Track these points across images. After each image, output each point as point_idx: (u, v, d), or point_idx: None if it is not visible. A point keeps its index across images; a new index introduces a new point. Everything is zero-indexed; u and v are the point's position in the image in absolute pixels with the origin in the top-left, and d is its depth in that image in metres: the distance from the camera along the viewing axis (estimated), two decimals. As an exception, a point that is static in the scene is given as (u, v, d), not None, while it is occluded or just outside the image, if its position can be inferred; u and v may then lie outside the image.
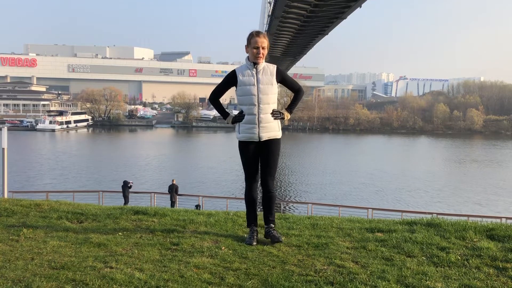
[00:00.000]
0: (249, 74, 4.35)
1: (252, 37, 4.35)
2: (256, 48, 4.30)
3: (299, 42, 54.97)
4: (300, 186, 38.52)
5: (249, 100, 4.34)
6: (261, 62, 4.35)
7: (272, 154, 4.47)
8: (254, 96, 4.31)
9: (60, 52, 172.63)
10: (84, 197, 22.69)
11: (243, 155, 4.52)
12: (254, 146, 4.46)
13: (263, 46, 4.31)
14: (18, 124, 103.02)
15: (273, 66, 4.42)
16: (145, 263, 3.79)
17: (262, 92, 4.32)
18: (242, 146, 4.51)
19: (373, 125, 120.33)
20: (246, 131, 4.42)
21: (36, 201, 6.67)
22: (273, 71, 4.37)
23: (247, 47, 4.38)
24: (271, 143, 4.46)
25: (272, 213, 4.57)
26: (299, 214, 6.61)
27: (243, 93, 4.36)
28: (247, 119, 4.39)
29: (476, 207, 30.37)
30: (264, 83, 4.32)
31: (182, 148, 71.11)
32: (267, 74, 4.35)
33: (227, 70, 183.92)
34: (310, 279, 3.43)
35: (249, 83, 4.32)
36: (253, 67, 4.35)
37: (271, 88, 4.35)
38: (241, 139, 4.48)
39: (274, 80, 4.36)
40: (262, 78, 4.33)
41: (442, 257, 3.90)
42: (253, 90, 4.32)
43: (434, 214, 14.42)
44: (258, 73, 4.34)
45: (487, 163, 58.17)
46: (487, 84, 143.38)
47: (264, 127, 4.37)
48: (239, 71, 4.42)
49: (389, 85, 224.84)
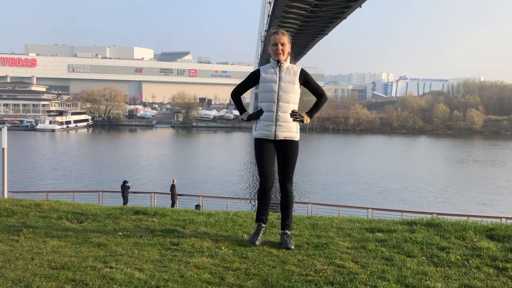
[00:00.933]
0: (272, 72, 4.35)
1: (271, 36, 4.40)
2: (275, 45, 4.32)
3: (299, 42, 54.99)
4: (301, 186, 38.50)
5: (269, 97, 4.33)
6: (282, 59, 4.33)
7: (289, 156, 4.41)
8: (275, 93, 4.30)
9: (60, 52, 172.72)
10: (84, 197, 22.69)
11: (258, 153, 4.43)
12: (269, 145, 4.39)
13: (282, 42, 4.30)
14: (18, 124, 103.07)
15: (298, 67, 4.40)
16: (145, 263, 3.79)
17: (283, 90, 4.30)
18: (258, 143, 4.44)
19: (373, 125, 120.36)
20: (262, 128, 4.38)
21: (36, 201, 6.67)
22: (297, 72, 4.36)
23: (269, 46, 4.42)
24: (288, 145, 4.40)
25: (289, 216, 4.47)
26: (299, 214, 6.60)
27: (264, 89, 4.35)
28: (265, 116, 4.36)
29: (480, 207, 30.34)
30: (286, 81, 4.31)
31: (182, 148, 71.11)
32: (291, 74, 4.34)
33: (227, 70, 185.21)
34: (310, 279, 3.43)
35: (271, 80, 4.32)
36: (277, 65, 4.36)
37: (292, 87, 4.32)
38: (257, 136, 4.43)
39: (296, 80, 4.33)
40: (285, 76, 4.32)
41: (442, 257, 3.90)
42: (274, 87, 4.31)
43: (434, 214, 14.41)
44: (281, 72, 4.34)
45: (489, 163, 58.10)
46: (487, 84, 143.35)
47: (281, 125, 4.33)
48: (263, 69, 4.44)
49: (389, 85, 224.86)
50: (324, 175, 44.01)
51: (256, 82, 4.45)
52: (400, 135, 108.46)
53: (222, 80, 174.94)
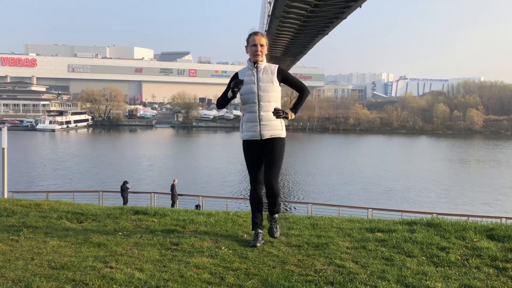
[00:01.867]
0: (250, 74, 4.42)
1: (249, 37, 4.46)
2: (254, 46, 4.38)
3: (299, 42, 55.00)
4: (303, 186, 38.49)
5: (250, 99, 4.40)
6: (260, 60, 4.41)
7: (275, 154, 4.44)
8: (255, 93, 4.37)
9: (60, 52, 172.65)
10: (84, 197, 22.67)
11: (246, 155, 4.53)
12: (257, 145, 4.46)
13: (261, 44, 4.39)
14: (18, 124, 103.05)
15: (275, 66, 4.48)
16: (145, 263, 3.79)
17: (263, 90, 4.37)
18: (246, 145, 4.53)
19: (373, 125, 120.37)
20: (248, 129, 4.46)
21: (36, 201, 6.67)
22: (274, 70, 4.43)
23: (247, 47, 4.47)
24: (274, 142, 4.45)
25: (275, 204, 4.54)
26: (299, 214, 6.61)
27: (245, 91, 4.40)
28: (249, 117, 4.44)
29: (485, 207, 30.30)
30: (265, 81, 4.38)
31: (182, 148, 71.10)
32: (268, 73, 4.41)
33: (227, 70, 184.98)
34: (310, 279, 3.43)
35: (250, 82, 4.38)
36: (253, 66, 4.43)
37: (271, 86, 4.39)
38: (244, 138, 4.52)
39: (274, 79, 4.40)
40: (263, 76, 4.39)
41: (442, 257, 3.90)
42: (253, 88, 4.37)
43: (434, 214, 14.41)
44: (258, 72, 4.41)
45: (492, 163, 57.86)
46: (487, 84, 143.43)
47: (265, 125, 4.39)
48: (241, 72, 4.51)
49: (389, 85, 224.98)
50: (325, 175, 43.98)
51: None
52: (400, 135, 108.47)
53: (222, 80, 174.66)
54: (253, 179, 4.56)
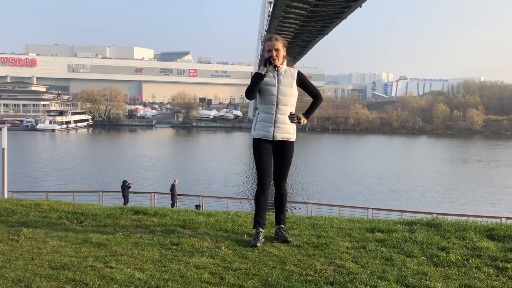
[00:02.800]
0: (271, 76, 4.48)
1: (265, 43, 4.57)
2: (269, 51, 4.46)
3: (299, 42, 55.06)
4: (304, 186, 38.49)
5: (268, 100, 4.46)
6: (278, 64, 4.47)
7: (286, 156, 4.59)
8: (274, 96, 4.44)
9: (60, 52, 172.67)
10: (84, 197, 22.67)
11: (256, 153, 4.59)
12: (267, 145, 4.55)
13: (276, 48, 4.46)
14: (18, 124, 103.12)
15: (295, 70, 4.56)
16: (145, 263, 3.79)
17: (282, 93, 4.45)
18: (256, 143, 4.59)
19: (373, 125, 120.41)
20: (261, 128, 4.52)
21: (36, 201, 6.67)
22: (294, 74, 4.52)
23: (264, 53, 4.56)
24: (285, 145, 4.57)
25: (283, 212, 4.71)
26: (299, 214, 6.60)
27: (264, 93, 4.47)
28: (264, 117, 4.50)
29: (491, 208, 30.31)
30: (285, 84, 4.46)
31: (182, 148, 71.10)
32: (288, 77, 4.49)
33: (227, 70, 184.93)
34: (310, 279, 3.43)
35: (271, 83, 4.45)
36: (274, 69, 4.49)
37: (290, 90, 4.48)
38: (256, 136, 4.58)
39: (294, 83, 4.49)
40: (283, 80, 4.47)
41: (442, 257, 3.90)
42: (273, 91, 4.44)
43: (434, 214, 14.41)
44: (279, 75, 4.48)
45: (494, 163, 57.73)
46: (487, 84, 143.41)
47: (279, 127, 4.48)
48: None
49: (389, 85, 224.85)
50: (325, 175, 43.97)
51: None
52: (400, 135, 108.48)
53: (222, 80, 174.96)
54: (261, 177, 4.59)
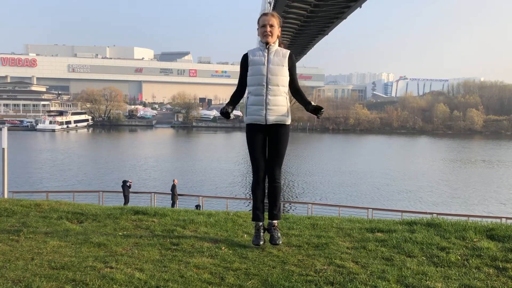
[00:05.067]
0: (260, 55, 4.22)
1: (259, 18, 4.29)
2: (264, 26, 4.20)
3: (299, 42, 55.06)
4: (303, 186, 38.47)
5: (258, 80, 4.19)
6: (271, 41, 4.21)
7: (279, 141, 4.27)
8: (263, 76, 4.16)
9: (60, 52, 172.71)
10: (84, 197, 22.69)
11: (249, 140, 4.32)
12: (261, 131, 4.27)
13: (271, 24, 4.20)
14: (18, 124, 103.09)
15: (286, 51, 4.28)
16: (145, 263, 3.79)
17: (272, 72, 4.16)
18: (249, 129, 4.32)
19: (373, 125, 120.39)
20: (253, 112, 4.24)
21: (36, 201, 6.66)
22: (286, 54, 4.24)
23: (258, 29, 4.30)
24: (279, 128, 4.26)
25: (277, 205, 4.39)
26: (299, 214, 6.60)
27: (252, 72, 4.22)
28: (255, 100, 4.22)
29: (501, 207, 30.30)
30: (275, 63, 4.18)
31: (182, 148, 71.08)
32: (279, 56, 4.21)
33: (227, 70, 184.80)
34: (310, 279, 3.43)
35: (259, 62, 4.19)
36: (265, 47, 4.23)
37: (281, 70, 4.18)
38: (248, 121, 4.31)
39: (286, 62, 4.20)
40: (274, 58, 4.19)
41: (442, 257, 3.90)
42: (262, 70, 4.17)
43: (434, 214, 14.41)
44: (270, 54, 4.21)
45: (499, 163, 57.64)
46: (487, 84, 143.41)
47: (271, 109, 4.19)
48: (251, 52, 4.32)
49: (389, 85, 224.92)
50: (326, 175, 43.93)
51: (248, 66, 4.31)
52: (400, 135, 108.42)
53: (222, 80, 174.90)
54: (255, 166, 4.33)
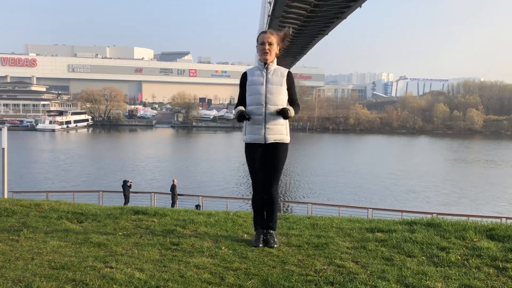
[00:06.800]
0: (259, 74, 4.25)
1: (259, 35, 4.30)
2: (262, 44, 4.21)
3: (299, 42, 55.06)
4: (303, 186, 38.46)
5: (256, 100, 4.20)
6: (270, 60, 4.23)
7: (278, 158, 4.30)
8: (262, 95, 4.18)
9: (60, 52, 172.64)
10: (84, 197, 22.67)
11: (249, 158, 4.35)
12: (260, 149, 4.28)
13: (270, 42, 4.21)
14: (18, 124, 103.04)
15: (285, 70, 4.31)
16: (145, 263, 3.79)
17: (270, 92, 4.19)
18: (248, 148, 4.36)
19: (373, 125, 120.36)
20: (252, 131, 4.27)
21: (36, 201, 6.66)
22: (284, 74, 4.27)
23: (257, 47, 4.31)
24: (278, 148, 4.29)
25: (273, 218, 4.45)
26: (299, 214, 6.60)
27: (251, 92, 4.24)
28: (254, 120, 4.23)
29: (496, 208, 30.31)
30: (274, 83, 4.21)
31: (182, 148, 71.10)
32: (278, 75, 4.24)
33: (227, 70, 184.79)
34: (310, 279, 3.43)
35: (258, 82, 4.22)
36: (263, 67, 4.26)
37: (280, 89, 4.21)
38: (247, 141, 4.33)
39: (284, 82, 4.23)
40: (272, 78, 4.22)
41: (442, 257, 3.90)
42: (261, 90, 4.19)
43: (434, 214, 14.42)
44: (268, 73, 4.24)
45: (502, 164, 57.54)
46: (487, 84, 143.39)
47: (270, 128, 4.21)
48: (249, 72, 4.35)
49: (389, 85, 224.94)
50: (326, 175, 43.93)
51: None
52: (400, 135, 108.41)
53: (222, 80, 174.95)
54: (255, 182, 4.40)
